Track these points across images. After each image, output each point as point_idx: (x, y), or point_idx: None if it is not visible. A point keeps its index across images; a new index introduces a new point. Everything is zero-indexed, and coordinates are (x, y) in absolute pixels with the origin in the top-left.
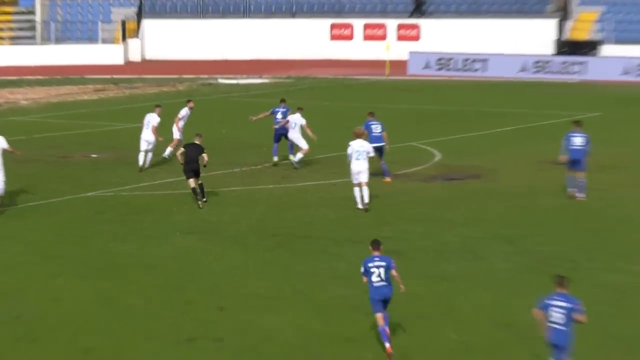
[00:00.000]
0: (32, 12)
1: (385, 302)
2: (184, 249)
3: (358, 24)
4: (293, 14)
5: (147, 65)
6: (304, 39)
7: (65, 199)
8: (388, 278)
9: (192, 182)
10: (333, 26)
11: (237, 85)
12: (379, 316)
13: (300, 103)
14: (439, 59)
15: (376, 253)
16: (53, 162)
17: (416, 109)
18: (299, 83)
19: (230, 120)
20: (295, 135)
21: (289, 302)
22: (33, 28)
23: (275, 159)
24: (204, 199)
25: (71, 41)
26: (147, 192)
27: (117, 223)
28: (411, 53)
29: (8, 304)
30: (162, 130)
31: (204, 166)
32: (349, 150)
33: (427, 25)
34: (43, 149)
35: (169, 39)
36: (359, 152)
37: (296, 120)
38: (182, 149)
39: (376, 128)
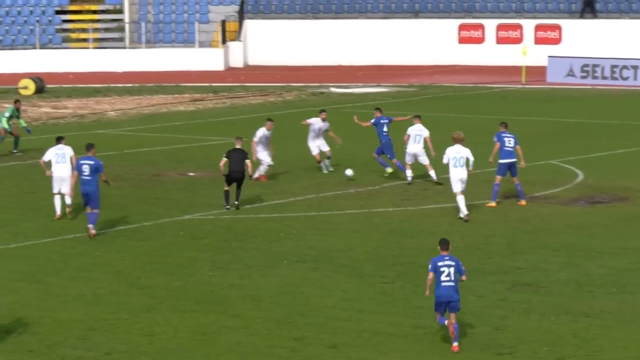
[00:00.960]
0: (120, 11)
1: (449, 304)
2: (292, 280)
3: (490, 24)
4: (416, 14)
5: (250, 71)
6: (428, 42)
7: (159, 222)
8: (456, 279)
9: (228, 186)
10: (462, 27)
11: (352, 94)
12: (439, 314)
13: (423, 115)
14: (584, 66)
15: (445, 253)
16: (145, 181)
17: (556, 122)
18: (422, 92)
19: (343, 135)
20: (418, 149)
21: (410, 340)
22: (121, 29)
23: (389, 169)
24: (236, 201)
25: (164, 44)
26: (251, 215)
27: (217, 250)
28: (551, 58)
29: (97, 340)
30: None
31: (250, 177)
32: (445, 159)
33: (569, 26)
34: (134, 166)
35: (274, 42)
36: (456, 158)
37: (419, 131)
38: (224, 159)
39: (509, 141)
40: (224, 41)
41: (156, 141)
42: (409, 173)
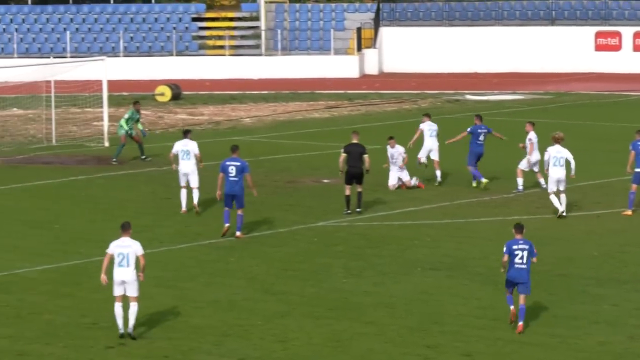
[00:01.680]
0: (257, 19)
1: (518, 285)
2: (425, 287)
3: (627, 32)
4: (552, 21)
5: (385, 78)
6: (564, 49)
7: (294, 229)
8: (529, 262)
9: (348, 190)
10: (598, 35)
11: (487, 102)
12: (509, 291)
13: (559, 122)
14: None
15: (519, 237)
16: (280, 187)
17: None
18: (558, 99)
19: None
20: (538, 156)
21: (545, 349)
22: (257, 37)
23: (484, 180)
24: (358, 209)
25: (300, 52)
26: (385, 222)
27: (351, 257)
28: None
29: (230, 346)
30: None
31: (367, 171)
32: (546, 157)
33: None
34: (269, 173)
35: (409, 49)
36: (557, 157)
37: (534, 138)
38: (343, 154)
39: None
40: (359, 48)
41: (291, 148)
42: (521, 181)
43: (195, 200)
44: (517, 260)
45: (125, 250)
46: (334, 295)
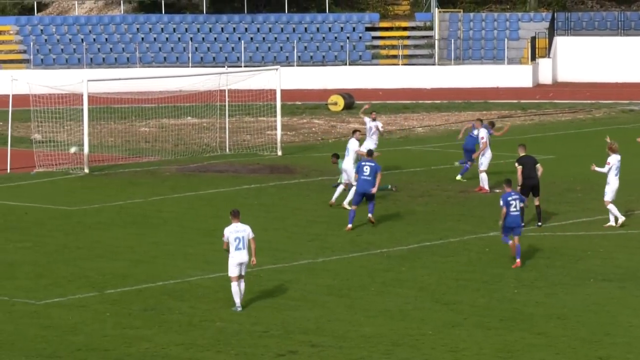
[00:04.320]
0: (430, 28)
1: (513, 229)
2: (597, 298)
3: None
4: None
5: (559, 88)
6: None
7: (465, 239)
8: (521, 208)
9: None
10: None
11: None
12: (511, 241)
13: None
14: None
15: (510, 189)
16: (452, 197)
17: None
18: None
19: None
20: None
21: None
22: (431, 46)
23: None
24: (539, 223)
25: (473, 61)
26: (558, 233)
27: (523, 267)
28: None
29: (401, 355)
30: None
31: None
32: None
33: None
34: (441, 182)
35: (584, 59)
36: (618, 167)
37: None
38: (520, 167)
39: None
40: (533, 58)
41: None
42: None
43: (348, 198)
44: (512, 209)
45: (241, 234)
46: (506, 306)
